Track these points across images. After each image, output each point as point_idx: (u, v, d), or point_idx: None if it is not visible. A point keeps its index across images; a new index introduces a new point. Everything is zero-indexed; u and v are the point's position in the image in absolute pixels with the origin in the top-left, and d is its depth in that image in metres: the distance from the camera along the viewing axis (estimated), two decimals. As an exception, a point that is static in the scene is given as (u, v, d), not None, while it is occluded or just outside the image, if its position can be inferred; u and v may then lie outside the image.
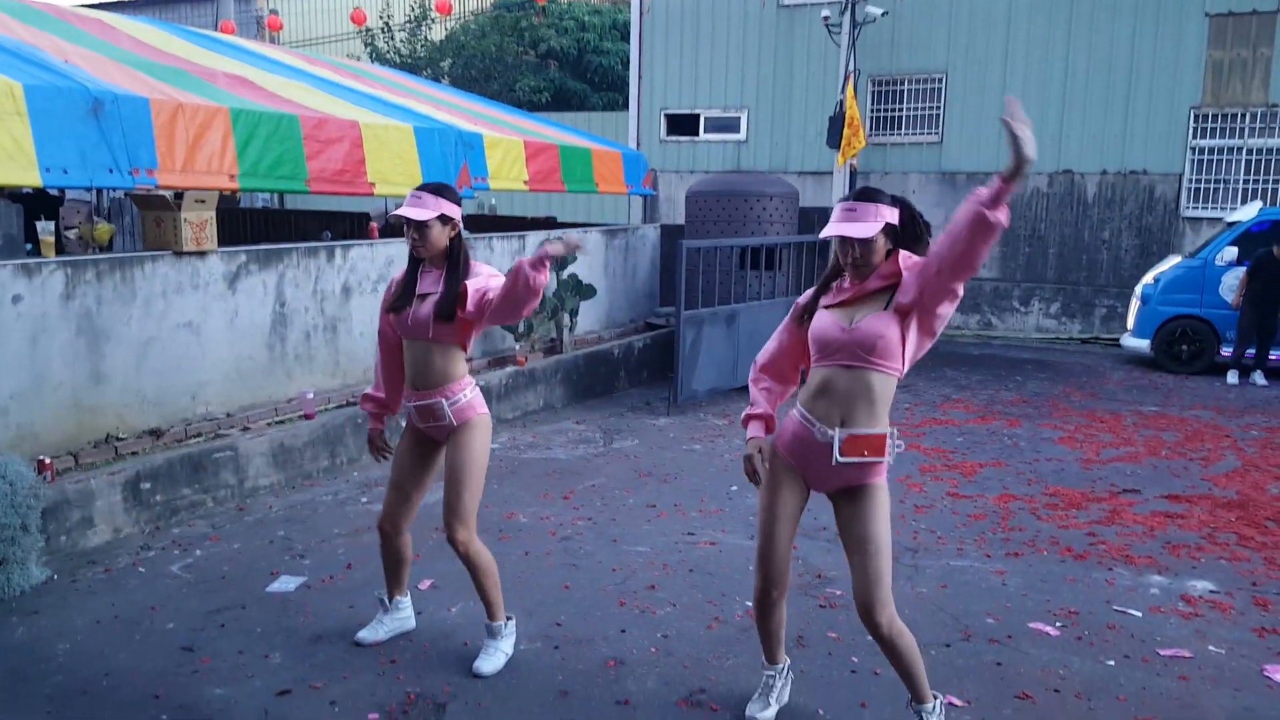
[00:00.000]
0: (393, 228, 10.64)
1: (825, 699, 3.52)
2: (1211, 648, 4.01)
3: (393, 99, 8.43)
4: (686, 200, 9.82)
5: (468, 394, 3.65)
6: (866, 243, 2.96)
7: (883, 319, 2.97)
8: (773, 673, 3.41)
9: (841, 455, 3.01)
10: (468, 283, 3.56)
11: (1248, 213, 10.67)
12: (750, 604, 4.26)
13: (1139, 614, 4.32)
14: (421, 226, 3.53)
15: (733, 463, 6.74)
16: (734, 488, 6.13)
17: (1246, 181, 12.64)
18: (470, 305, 3.55)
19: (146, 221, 6.08)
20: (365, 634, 3.92)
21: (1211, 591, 4.59)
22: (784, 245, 9.28)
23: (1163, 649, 3.98)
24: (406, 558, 3.91)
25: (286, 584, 4.51)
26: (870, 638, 3.15)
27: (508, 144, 8.54)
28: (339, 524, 5.35)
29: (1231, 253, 10.28)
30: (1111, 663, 3.86)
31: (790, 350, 3.26)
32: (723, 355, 8.59)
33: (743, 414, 3.33)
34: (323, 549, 4.97)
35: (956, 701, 3.48)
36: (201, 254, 6.06)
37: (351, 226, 11.95)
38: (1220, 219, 12.24)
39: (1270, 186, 12.53)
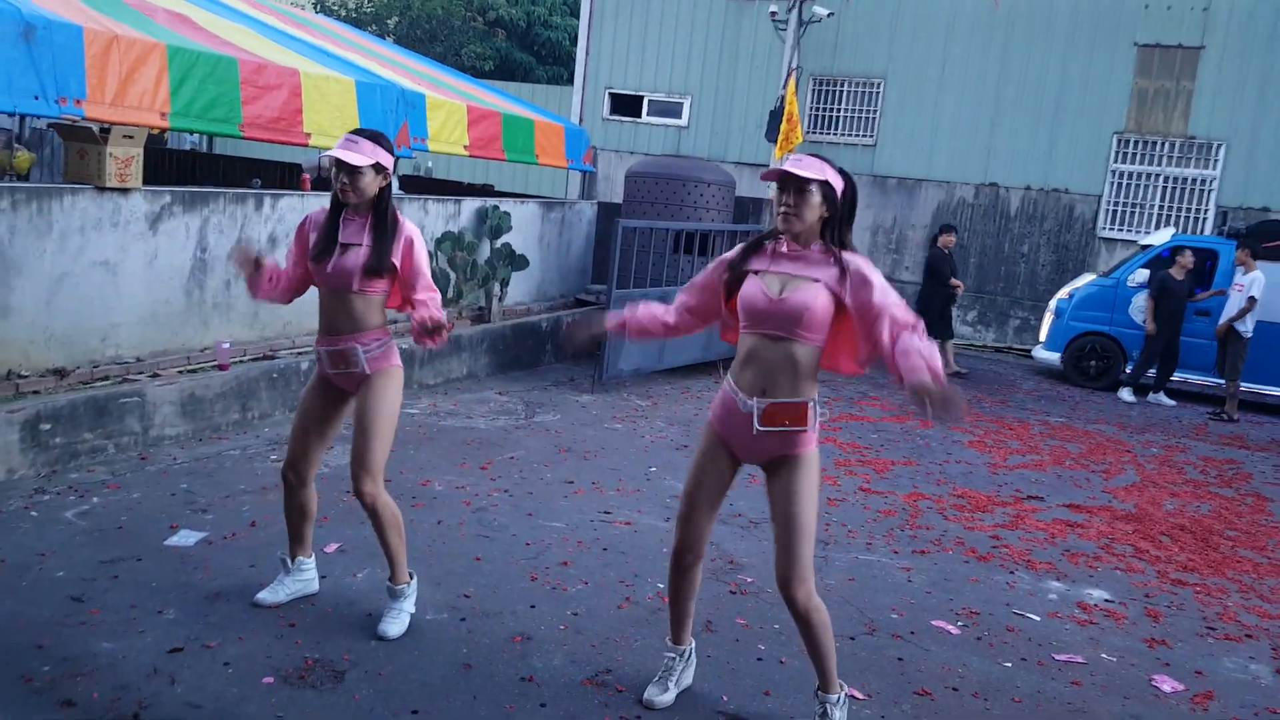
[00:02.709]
0: (325, 180, 10.36)
1: (730, 685, 3.55)
2: (1104, 655, 4.15)
3: (336, 51, 8.18)
4: (626, 180, 9.77)
5: (384, 343, 3.58)
6: (803, 191, 2.96)
7: (812, 291, 2.98)
8: (674, 654, 3.41)
9: (761, 425, 3.02)
10: (410, 237, 3.52)
11: (1161, 237, 11.08)
12: (663, 586, 4.28)
13: (1037, 618, 4.46)
14: (354, 171, 3.43)
15: (653, 444, 6.75)
16: (653, 468, 6.14)
17: (1162, 207, 13.13)
18: (400, 260, 3.50)
19: (70, 153, 5.79)
20: (265, 595, 3.80)
21: (1106, 600, 4.76)
22: (718, 232, 9.31)
23: (1058, 654, 4.11)
24: (311, 512, 3.81)
25: (186, 538, 4.36)
26: (783, 620, 3.17)
27: (450, 107, 8.37)
28: (245, 480, 5.19)
29: (1143, 275, 10.66)
30: (1009, 664, 3.97)
31: (702, 294, 3.26)
32: (650, 338, 8.57)
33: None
34: (226, 505, 4.82)
35: (858, 694, 3.53)
36: (124, 191, 5.80)
37: (282, 176, 11.59)
38: (1134, 241, 12.70)
39: (1184, 213, 13.03)
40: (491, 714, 3.19)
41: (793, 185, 2.98)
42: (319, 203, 7.17)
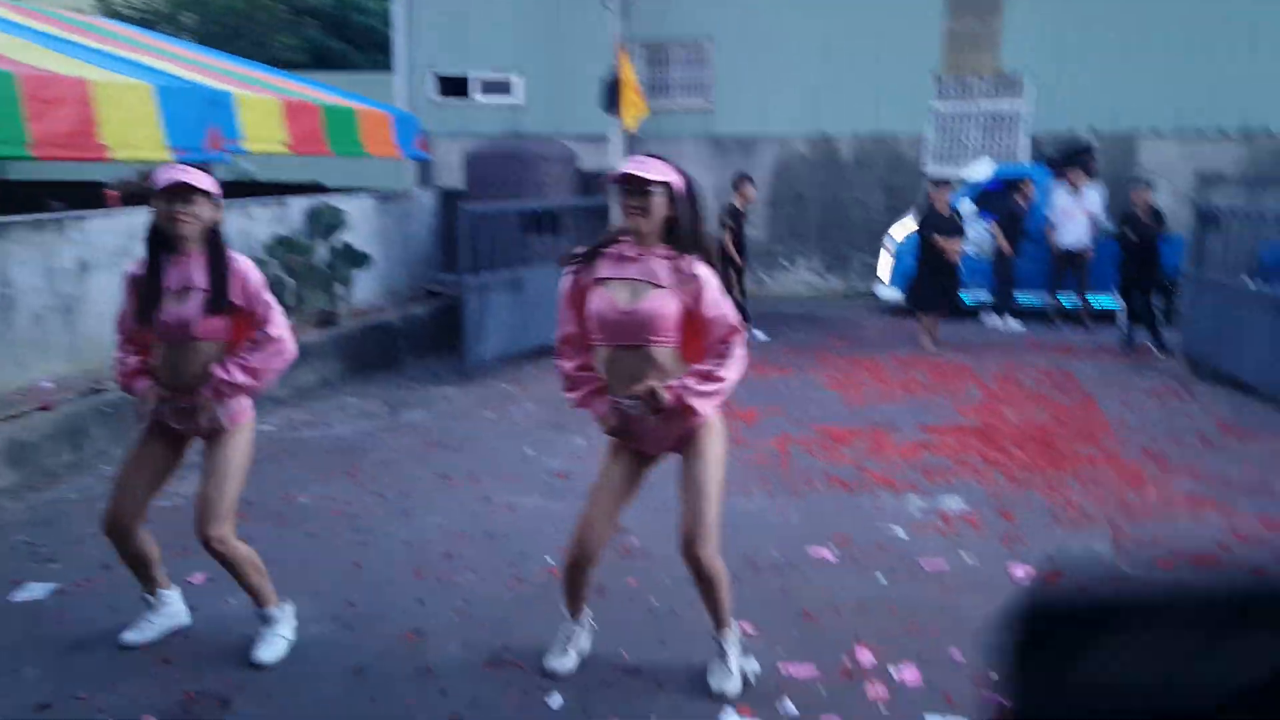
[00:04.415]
0: (134, 195, 9.73)
1: (627, 641, 3.59)
2: (966, 558, 4.42)
3: (129, 55, 7.69)
4: (465, 164, 9.60)
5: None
6: (647, 192, 2.98)
7: (662, 297, 3.03)
8: (572, 624, 3.44)
9: (646, 411, 3.06)
10: (244, 271, 3.33)
11: (980, 170, 11.70)
12: (549, 559, 4.28)
13: (903, 534, 4.71)
14: (192, 196, 3.22)
15: (526, 427, 6.70)
16: (529, 451, 6.10)
17: (980, 142, 13.84)
18: (239, 298, 3.31)
19: None
20: (132, 635, 3.59)
21: (963, 508, 5.08)
22: (567, 209, 9.27)
23: (924, 562, 4.36)
24: (151, 556, 3.60)
25: (34, 591, 4.06)
26: (674, 575, 3.20)
27: (263, 103, 8.00)
28: (90, 523, 4.79)
29: (968, 207, 11.24)
30: (882, 579, 4.19)
31: (581, 315, 3.22)
32: (510, 320, 8.50)
33: (573, 395, 3.24)
34: (75, 552, 4.51)
35: (749, 629, 3.63)
36: (-95, 230, 5.32)
37: (88, 198, 10.84)
38: (958, 177, 13.37)
39: (1000, 145, 13.78)
40: (392, 712, 3.13)
41: (637, 186, 3.01)
42: (130, 221, 6.75)
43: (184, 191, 3.21)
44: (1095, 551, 4.51)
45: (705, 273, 3.05)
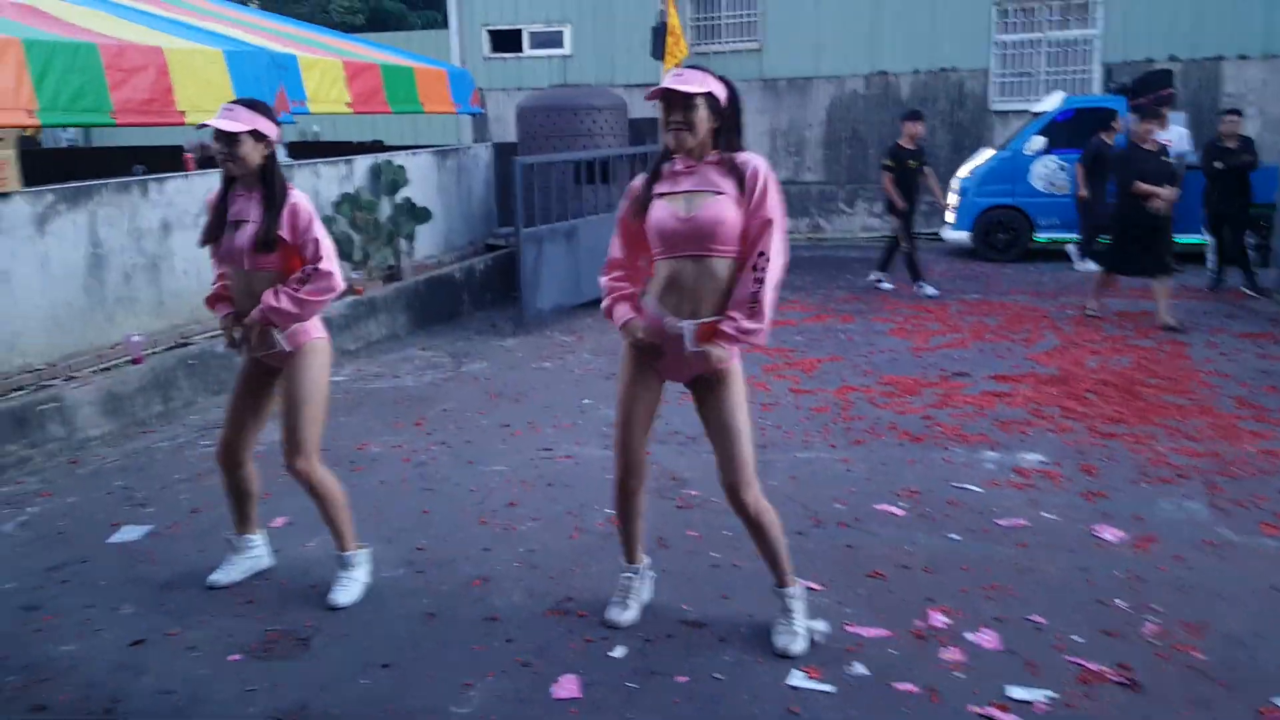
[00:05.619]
0: (210, 158, 9.98)
1: (689, 594, 3.64)
2: (1045, 514, 4.29)
3: (197, 23, 7.86)
4: (517, 116, 9.61)
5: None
6: (690, 105, 2.96)
7: (721, 204, 2.99)
8: (631, 574, 3.48)
9: (693, 345, 3.05)
10: (295, 204, 3.43)
11: (1051, 103, 11.31)
12: (611, 511, 4.36)
13: (977, 489, 4.60)
14: (232, 140, 3.36)
15: (583, 377, 6.79)
16: (586, 401, 6.19)
17: (1049, 73, 13.38)
18: (288, 233, 3.42)
19: (-60, 163, 5.56)
20: (218, 576, 3.79)
21: (1041, 462, 4.92)
22: (617, 157, 9.25)
23: (1000, 519, 4.24)
24: (252, 492, 3.80)
25: (130, 534, 4.30)
26: (732, 526, 3.22)
27: (325, 65, 8.11)
28: (179, 469, 5.11)
29: (1039, 142, 10.90)
30: (955, 536, 4.10)
31: (632, 242, 3.23)
32: (566, 272, 8.56)
33: (604, 303, 3.25)
34: (165, 496, 4.75)
35: (814, 585, 3.63)
36: (3, 195, 5.59)
37: (168, 161, 11.15)
38: (1026, 110, 12.96)
39: (1070, 77, 13.31)
40: (460, 657, 3.25)
41: (679, 102, 2.97)
42: (205, 182, 6.95)
43: (223, 136, 3.36)
44: (1187, 510, 4.34)
45: (762, 166, 3.01)
